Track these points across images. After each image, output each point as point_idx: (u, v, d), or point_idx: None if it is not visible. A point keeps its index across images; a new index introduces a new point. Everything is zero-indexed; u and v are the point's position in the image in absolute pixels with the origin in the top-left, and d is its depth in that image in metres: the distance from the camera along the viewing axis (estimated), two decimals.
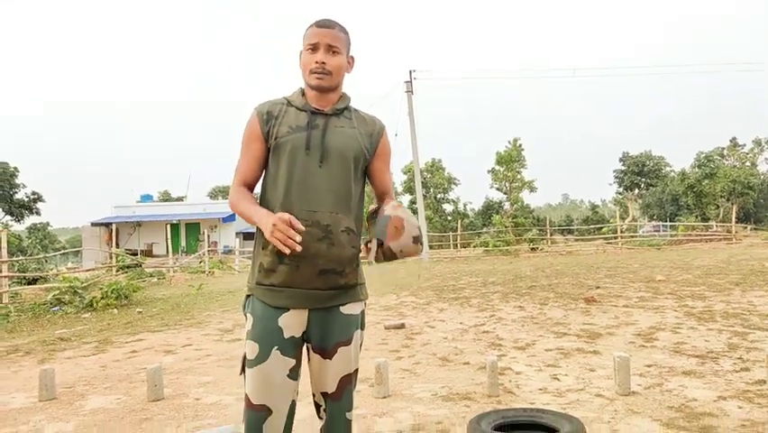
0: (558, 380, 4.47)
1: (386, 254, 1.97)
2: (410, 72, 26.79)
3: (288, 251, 1.85)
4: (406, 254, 2.00)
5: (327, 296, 2.04)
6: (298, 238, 1.84)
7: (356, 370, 2.16)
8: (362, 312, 2.18)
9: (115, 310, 10.43)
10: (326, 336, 2.06)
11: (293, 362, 2.04)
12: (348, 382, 2.11)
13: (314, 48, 2.06)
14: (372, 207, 2.14)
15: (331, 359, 2.07)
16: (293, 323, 2.03)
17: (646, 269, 13.05)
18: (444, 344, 6.01)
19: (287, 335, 2.02)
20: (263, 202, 2.09)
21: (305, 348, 2.11)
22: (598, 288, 9.81)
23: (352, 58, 2.17)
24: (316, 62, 2.04)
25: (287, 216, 1.86)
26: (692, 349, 5.24)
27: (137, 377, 5.10)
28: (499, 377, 4.35)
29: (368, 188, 2.29)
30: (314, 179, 2.01)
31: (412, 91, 26.56)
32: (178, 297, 12.36)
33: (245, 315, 2.12)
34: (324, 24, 2.08)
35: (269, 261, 2.02)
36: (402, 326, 7.02)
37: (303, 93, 2.13)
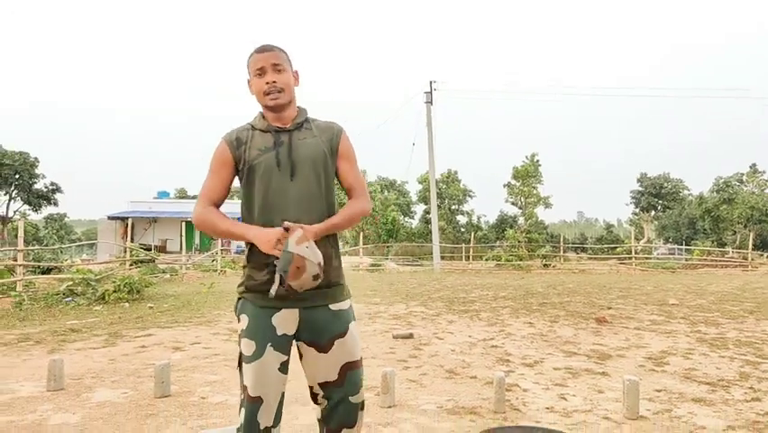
0: (565, 400, 4.43)
1: (287, 291, 2.08)
2: (431, 83, 26.86)
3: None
4: (306, 289, 2.12)
5: (314, 295, 2.20)
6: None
7: (361, 358, 2.32)
8: (351, 306, 2.35)
9: (127, 304, 10.50)
10: (319, 333, 2.23)
11: (285, 357, 2.22)
12: (350, 368, 2.26)
13: (261, 72, 2.25)
14: (286, 224, 2.11)
15: (327, 352, 2.23)
16: (285, 321, 2.20)
17: (660, 292, 12.93)
18: (452, 356, 5.98)
19: (279, 332, 2.19)
20: (245, 221, 2.26)
21: (295, 345, 2.28)
22: (609, 308, 9.73)
23: (297, 72, 2.36)
24: (267, 83, 2.23)
25: (281, 229, 2.06)
26: (703, 376, 5.17)
27: (145, 372, 5.13)
28: (506, 393, 4.32)
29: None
30: (288, 193, 2.20)
31: (431, 102, 26.62)
32: (189, 294, 12.42)
33: (238, 316, 2.29)
34: (263, 49, 2.28)
35: (256, 271, 2.21)
36: (410, 336, 7.00)
37: (263, 116, 2.32)
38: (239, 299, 2.29)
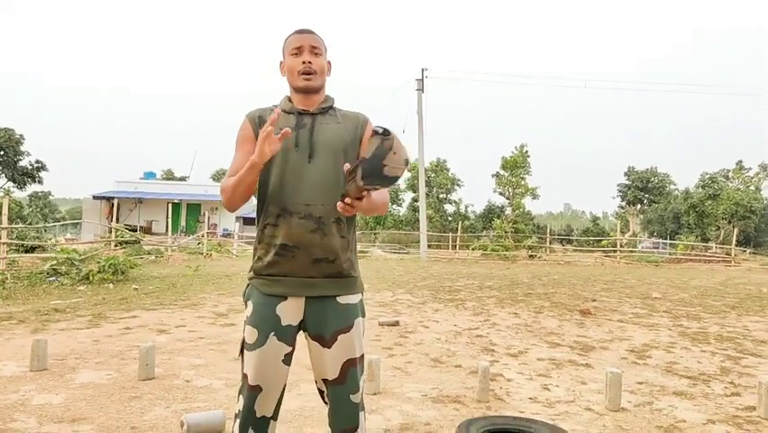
0: (549, 390, 4.47)
1: (370, 174, 1.67)
2: (422, 70, 26.79)
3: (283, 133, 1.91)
4: (396, 176, 1.69)
5: (322, 284, 2.13)
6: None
7: (362, 355, 2.23)
8: (361, 301, 2.27)
9: (111, 285, 10.44)
10: (324, 325, 2.14)
11: (288, 348, 2.15)
12: (351, 365, 2.18)
13: (298, 51, 2.21)
14: (346, 165, 1.81)
15: (330, 347, 2.14)
16: (290, 311, 2.13)
17: (643, 285, 13.06)
18: (437, 345, 6.01)
19: (284, 322, 2.12)
20: (260, 196, 2.20)
21: (303, 337, 2.20)
22: (594, 300, 9.82)
23: (329, 62, 2.31)
24: (303, 62, 2.19)
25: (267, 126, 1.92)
26: (684, 370, 5.24)
27: (129, 354, 5.11)
28: (490, 383, 4.35)
29: None
30: (304, 175, 2.13)
31: (423, 89, 26.57)
32: (174, 276, 12.37)
33: (245, 302, 2.22)
34: (304, 30, 2.25)
35: (265, 253, 2.15)
36: (396, 323, 7.02)
37: (289, 99, 2.28)
38: (248, 284, 2.24)
